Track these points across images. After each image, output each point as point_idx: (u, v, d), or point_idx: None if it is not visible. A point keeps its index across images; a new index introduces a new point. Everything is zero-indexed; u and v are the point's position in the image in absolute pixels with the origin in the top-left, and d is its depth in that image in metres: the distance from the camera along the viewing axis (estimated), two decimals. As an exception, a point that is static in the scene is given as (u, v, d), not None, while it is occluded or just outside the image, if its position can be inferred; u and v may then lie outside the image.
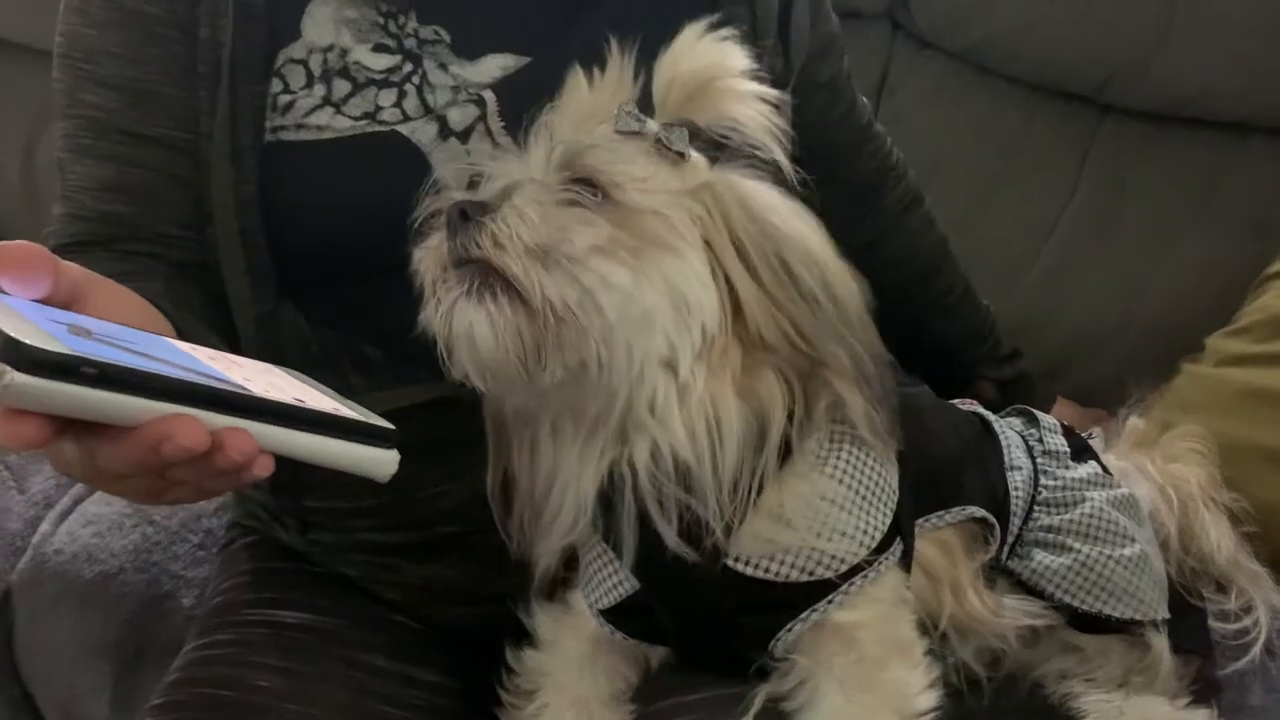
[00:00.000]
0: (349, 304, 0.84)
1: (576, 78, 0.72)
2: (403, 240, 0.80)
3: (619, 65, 0.71)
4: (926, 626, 0.76)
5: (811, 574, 0.69)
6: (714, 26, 0.70)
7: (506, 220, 0.65)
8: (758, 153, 0.69)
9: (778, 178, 0.70)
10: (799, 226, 0.68)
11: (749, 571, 0.69)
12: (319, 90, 0.82)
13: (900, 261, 1.09)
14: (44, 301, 0.55)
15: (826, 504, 0.69)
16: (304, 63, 0.83)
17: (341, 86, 0.82)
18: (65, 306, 0.57)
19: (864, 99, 1.08)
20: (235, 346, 0.86)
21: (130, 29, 0.82)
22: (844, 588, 0.70)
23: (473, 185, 0.71)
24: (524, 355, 0.64)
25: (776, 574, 0.69)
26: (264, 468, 0.55)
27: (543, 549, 0.73)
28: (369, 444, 0.58)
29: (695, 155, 0.68)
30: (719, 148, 0.69)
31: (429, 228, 0.70)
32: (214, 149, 0.80)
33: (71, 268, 0.58)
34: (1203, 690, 0.82)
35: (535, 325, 0.64)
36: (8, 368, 0.48)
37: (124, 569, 1.14)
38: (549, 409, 0.70)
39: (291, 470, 0.59)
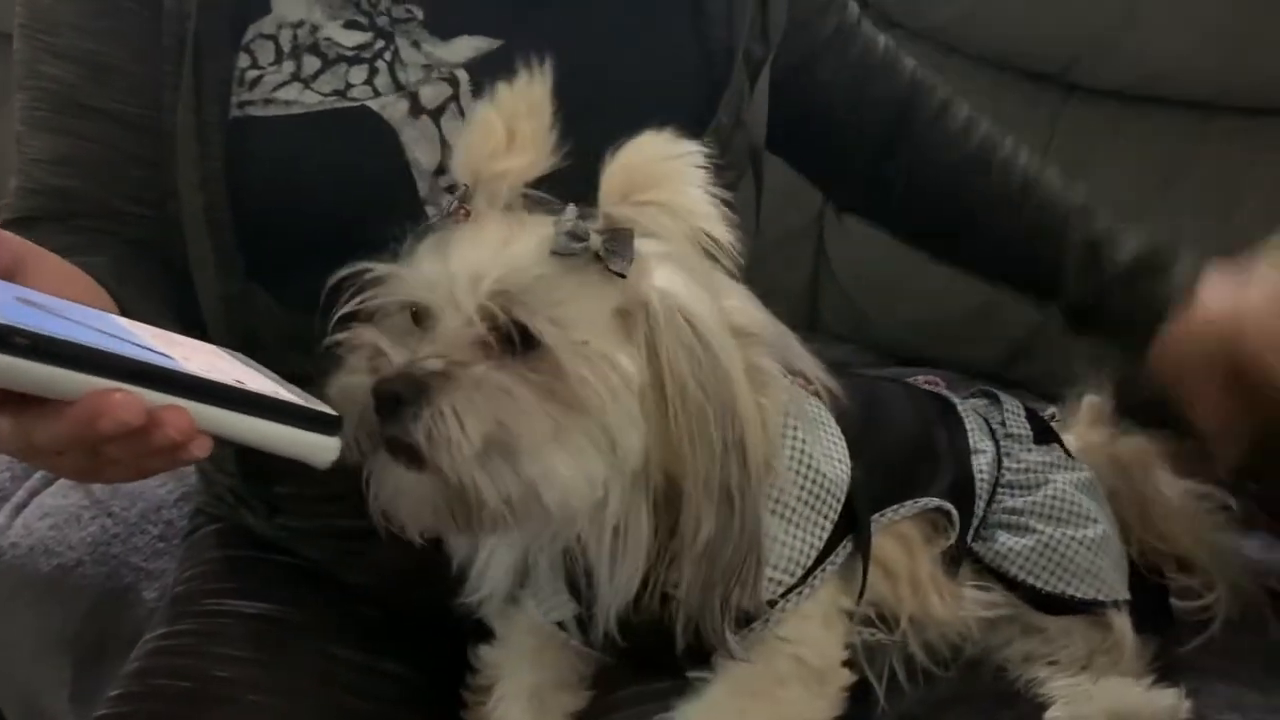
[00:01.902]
0: (320, 284, 0.83)
1: (485, 111, 0.67)
2: (373, 217, 0.79)
3: (533, 87, 0.68)
4: (886, 620, 0.76)
5: None
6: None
7: (444, 423, 0.60)
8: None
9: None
10: (730, 358, 0.64)
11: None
12: (288, 66, 0.81)
13: (984, 152, 1.00)
14: None
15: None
16: (273, 38, 0.81)
17: (311, 63, 0.81)
18: (6, 277, 0.56)
19: (883, 36, 1.03)
20: (193, 327, 0.85)
21: (91, 1, 0.80)
22: (779, 606, 0.70)
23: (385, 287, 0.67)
24: (453, 522, 0.63)
25: None
26: (201, 448, 0.54)
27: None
28: (310, 429, 0.58)
29: (634, 267, 0.64)
30: None
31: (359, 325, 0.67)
32: (178, 124, 0.79)
33: (11, 239, 0.57)
34: (1166, 669, 0.82)
35: (466, 502, 0.61)
36: None
37: (82, 562, 1.13)
38: None
39: (261, 455, 0.58)
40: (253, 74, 0.80)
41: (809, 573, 0.71)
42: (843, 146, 1.01)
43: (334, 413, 0.59)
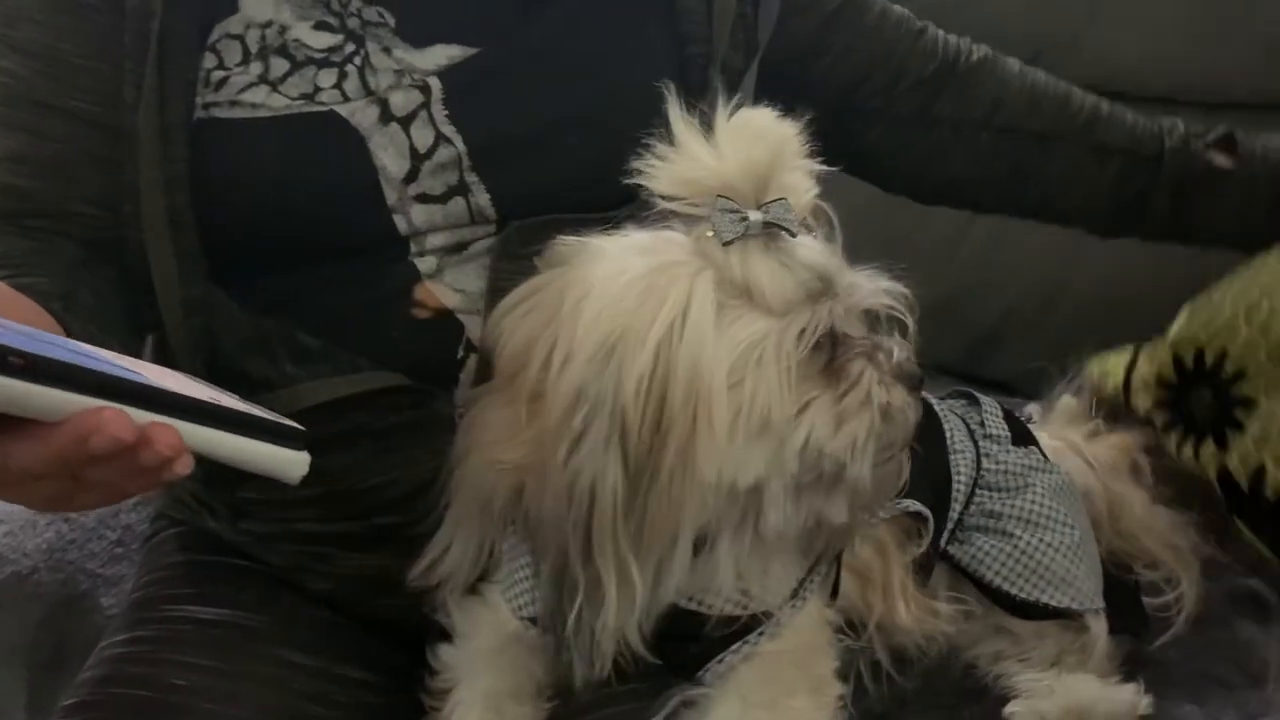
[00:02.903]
0: (286, 290, 0.82)
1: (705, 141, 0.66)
2: (340, 224, 0.78)
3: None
4: (853, 624, 0.76)
5: (745, 607, 0.70)
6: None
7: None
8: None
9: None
10: None
11: (682, 603, 0.69)
12: (255, 67, 0.80)
13: (1032, 102, 1.02)
14: None
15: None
16: (240, 38, 0.80)
17: (279, 64, 0.80)
18: None
19: (896, 6, 1.03)
20: (152, 331, 0.83)
21: None
22: (775, 618, 0.70)
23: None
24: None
25: (710, 607, 0.69)
26: (185, 465, 0.54)
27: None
28: (284, 444, 0.58)
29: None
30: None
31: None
32: (141, 124, 0.78)
33: None
34: (1131, 666, 0.82)
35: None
36: None
37: (38, 569, 1.11)
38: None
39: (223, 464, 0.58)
40: (219, 75, 0.79)
41: (801, 582, 0.71)
42: (881, 107, 1.00)
43: (301, 428, 0.60)
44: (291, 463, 0.58)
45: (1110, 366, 1.08)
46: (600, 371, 0.61)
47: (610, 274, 0.63)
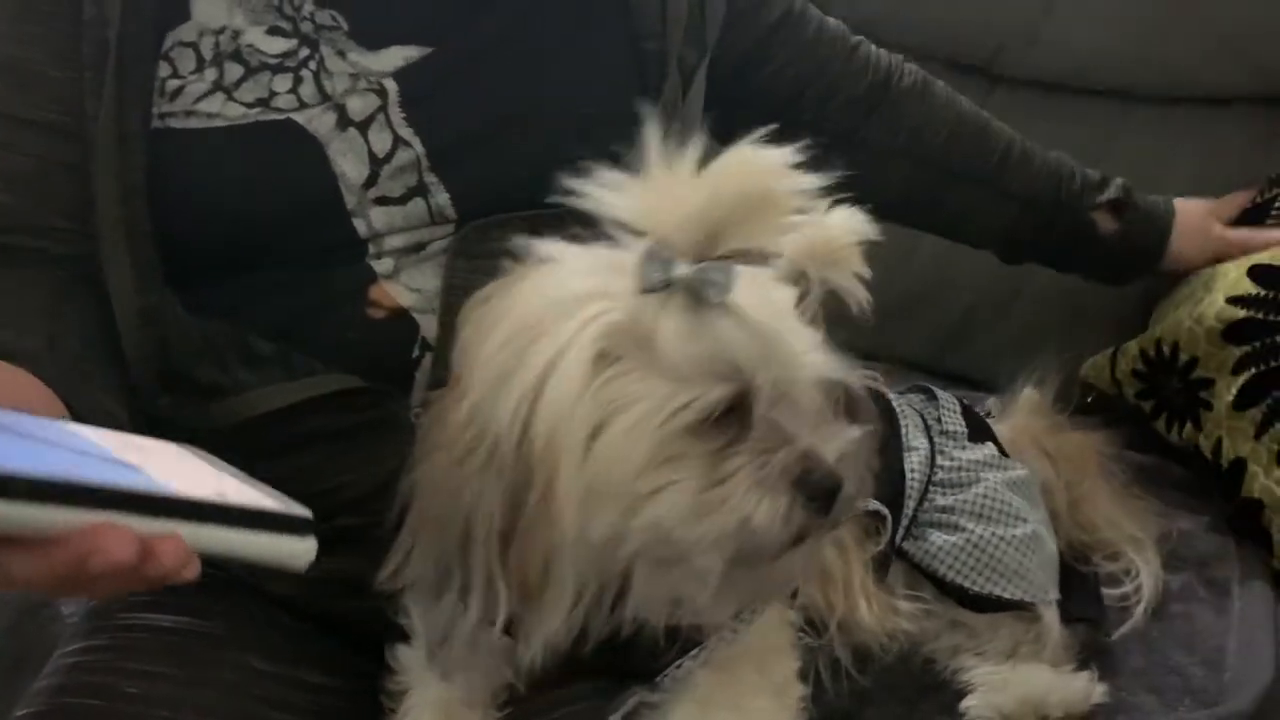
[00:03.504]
0: (238, 295, 0.81)
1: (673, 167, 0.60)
2: (299, 231, 0.77)
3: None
4: (814, 623, 0.76)
5: (693, 622, 0.68)
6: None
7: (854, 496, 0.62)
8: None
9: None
10: None
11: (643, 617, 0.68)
12: (210, 74, 0.79)
13: (951, 135, 1.08)
14: None
15: None
16: (194, 45, 0.80)
17: (233, 70, 0.79)
18: None
19: (832, 19, 1.07)
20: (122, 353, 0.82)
21: (10, 3, 0.78)
22: (733, 622, 0.69)
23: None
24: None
25: (669, 618, 0.68)
26: (193, 571, 0.52)
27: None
28: (290, 534, 0.56)
29: None
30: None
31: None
32: (99, 134, 0.77)
33: None
34: (1089, 656, 0.83)
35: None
36: None
37: None
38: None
39: None
40: (174, 84, 0.79)
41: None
42: (812, 121, 1.02)
43: (308, 514, 0.57)
44: (297, 554, 0.56)
45: (1100, 364, 1.17)
46: (488, 398, 0.59)
47: (528, 297, 0.60)
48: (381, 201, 0.81)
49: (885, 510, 0.79)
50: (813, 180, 0.60)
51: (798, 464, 0.59)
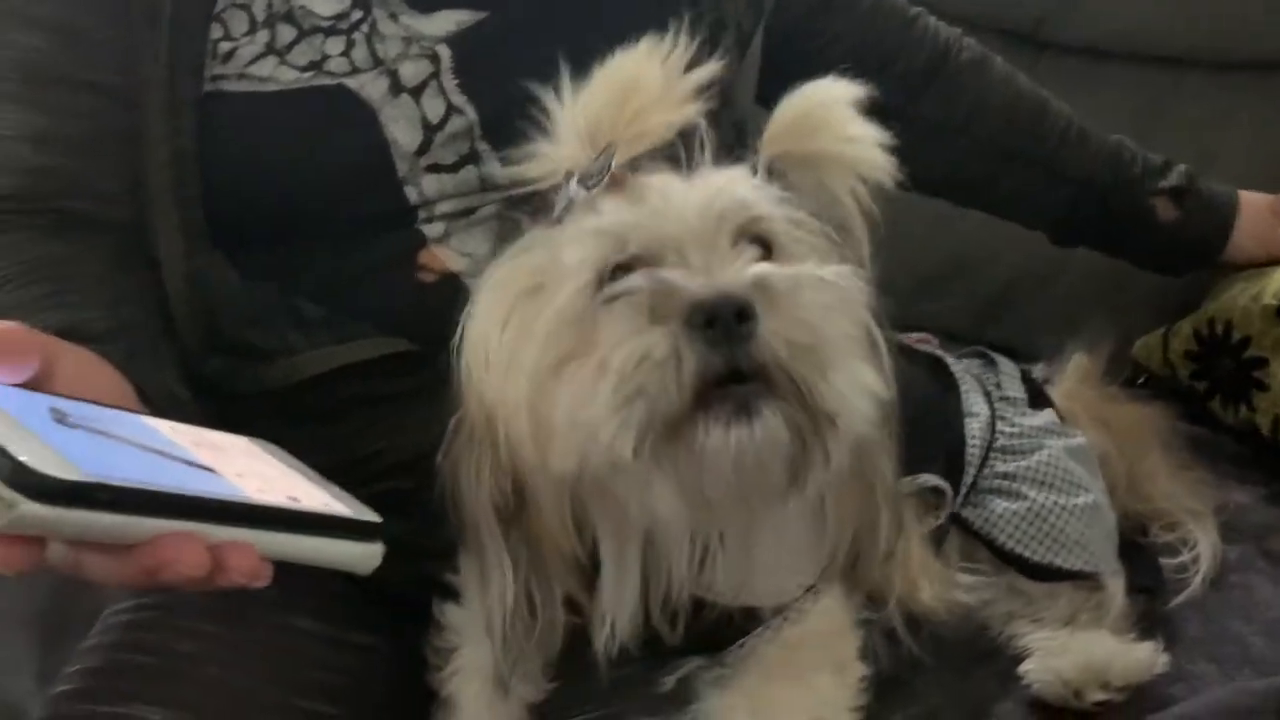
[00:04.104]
0: (288, 259, 0.81)
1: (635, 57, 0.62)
2: (349, 197, 0.77)
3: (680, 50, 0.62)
4: (873, 598, 0.75)
5: (776, 600, 0.68)
6: None
7: (784, 326, 0.54)
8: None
9: None
10: None
11: (715, 599, 0.68)
12: (262, 36, 0.79)
13: (1008, 113, 1.06)
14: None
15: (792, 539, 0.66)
16: (247, 6, 0.79)
17: (286, 32, 0.79)
18: (37, 380, 0.54)
19: None
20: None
21: None
22: (799, 602, 0.69)
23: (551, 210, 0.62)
24: (787, 475, 0.56)
25: (740, 601, 0.68)
26: (265, 581, 0.53)
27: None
28: (359, 540, 0.56)
29: None
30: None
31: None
32: (151, 97, 0.77)
33: (40, 339, 0.55)
34: (1148, 626, 0.82)
35: (799, 441, 0.55)
36: (19, 496, 0.44)
37: (43, 537, 1.10)
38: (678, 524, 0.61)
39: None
40: (225, 46, 0.78)
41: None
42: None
43: (377, 518, 0.57)
44: (365, 558, 0.56)
45: (1151, 344, 1.15)
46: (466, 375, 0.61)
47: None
48: (433, 169, 0.80)
49: (945, 485, 0.78)
50: (703, 73, 0.61)
51: (681, 297, 0.54)
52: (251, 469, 0.57)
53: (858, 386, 0.56)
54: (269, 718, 0.75)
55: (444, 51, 0.80)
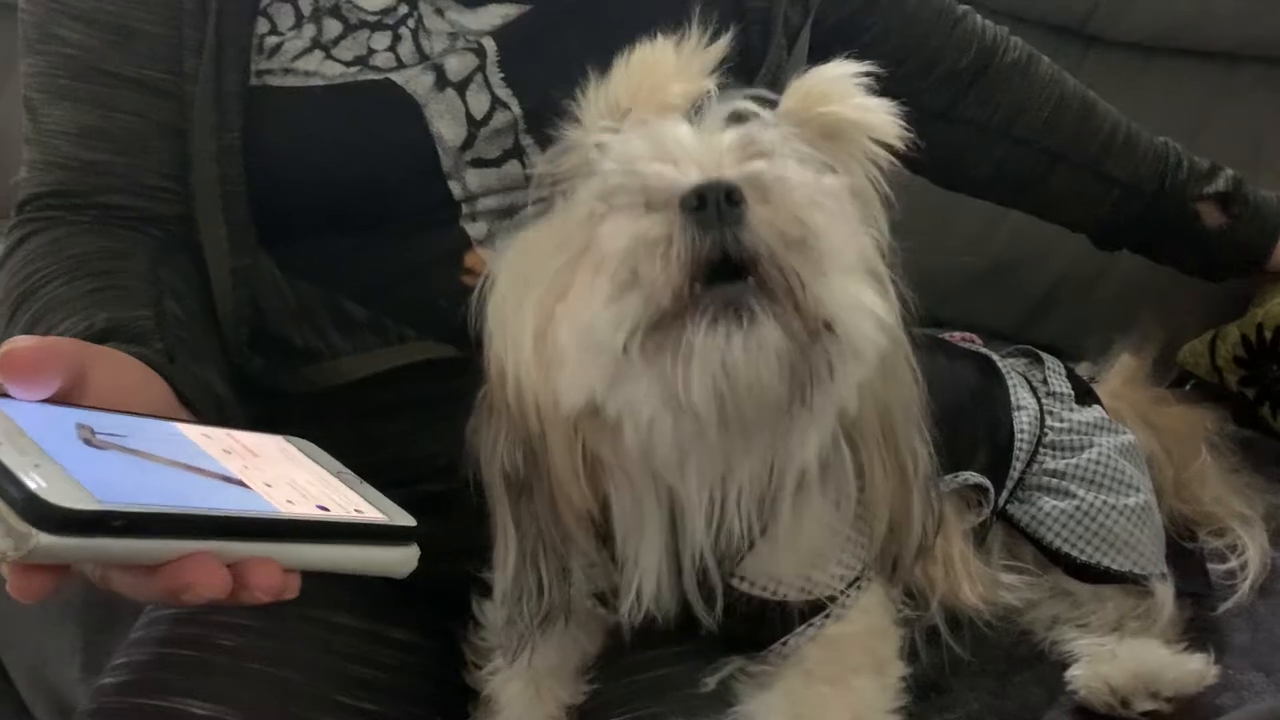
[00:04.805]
0: (332, 257, 0.81)
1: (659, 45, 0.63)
2: (394, 193, 0.77)
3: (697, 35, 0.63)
4: (914, 594, 0.75)
5: (810, 594, 0.68)
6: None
7: (775, 215, 0.53)
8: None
9: None
10: None
11: (750, 590, 0.68)
12: (308, 31, 0.79)
13: (1053, 115, 1.04)
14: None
15: (826, 529, 0.66)
16: (293, 1, 0.79)
17: (332, 27, 0.79)
18: (68, 390, 0.54)
19: None
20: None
21: None
22: (840, 601, 0.69)
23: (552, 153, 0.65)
24: (790, 384, 0.54)
25: (775, 593, 0.68)
26: (292, 593, 0.53)
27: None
28: (391, 545, 0.56)
29: None
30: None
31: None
32: (198, 92, 0.77)
33: (69, 348, 0.55)
34: (1196, 633, 0.80)
35: (796, 350, 0.54)
36: (34, 530, 0.44)
37: (90, 529, 1.11)
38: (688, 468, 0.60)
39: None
40: (272, 40, 0.78)
41: (864, 570, 0.70)
42: (910, 93, 0.99)
43: (411, 522, 0.57)
44: (399, 563, 0.56)
45: (1198, 350, 1.13)
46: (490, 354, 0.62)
47: None
48: (477, 163, 0.80)
49: (987, 483, 0.77)
50: (717, 49, 0.62)
51: (677, 186, 0.54)
52: (282, 476, 0.56)
53: (856, 299, 0.55)
54: (310, 712, 0.76)
55: (489, 45, 0.80)
